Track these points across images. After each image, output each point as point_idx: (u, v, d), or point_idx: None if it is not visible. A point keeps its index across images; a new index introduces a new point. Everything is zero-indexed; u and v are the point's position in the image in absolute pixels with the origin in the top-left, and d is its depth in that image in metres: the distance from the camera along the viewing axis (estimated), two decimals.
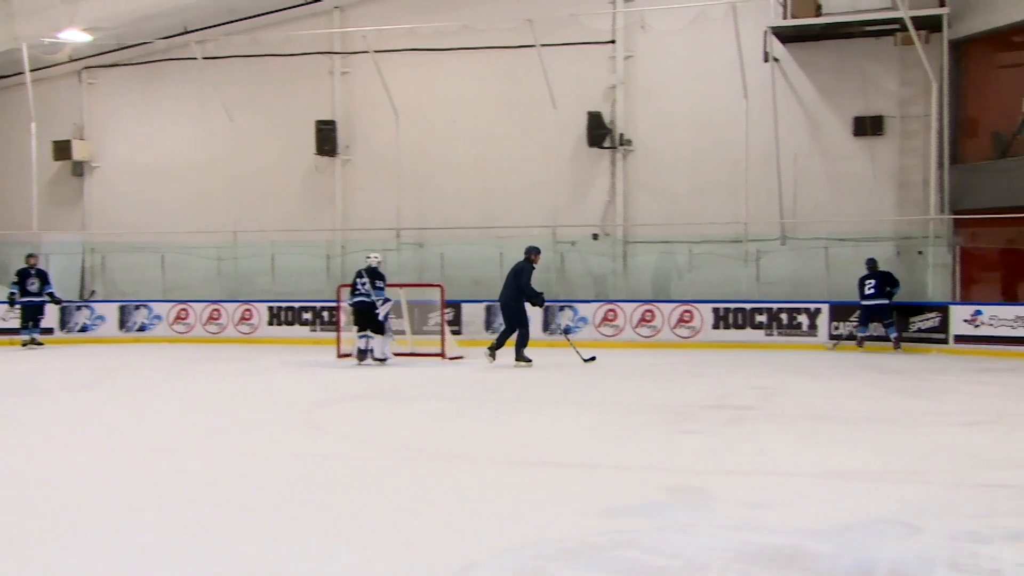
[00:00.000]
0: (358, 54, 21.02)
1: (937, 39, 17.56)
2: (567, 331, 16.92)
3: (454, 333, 16.91)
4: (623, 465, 7.19)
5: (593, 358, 14.59)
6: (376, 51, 20.33)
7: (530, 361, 14.17)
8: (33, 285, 18.79)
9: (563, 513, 5.67)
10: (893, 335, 16.30)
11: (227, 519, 5.56)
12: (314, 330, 19.44)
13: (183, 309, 20.25)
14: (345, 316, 15.77)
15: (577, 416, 9.66)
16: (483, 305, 18.58)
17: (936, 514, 5.60)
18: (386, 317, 15.00)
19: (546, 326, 18.28)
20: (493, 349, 14.42)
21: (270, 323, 19.75)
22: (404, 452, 7.76)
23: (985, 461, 7.21)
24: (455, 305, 18.26)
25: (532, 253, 14.74)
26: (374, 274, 14.83)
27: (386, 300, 14.89)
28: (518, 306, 14.39)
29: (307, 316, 19.57)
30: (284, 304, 19.85)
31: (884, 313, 16.34)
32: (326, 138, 21.08)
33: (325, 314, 19.24)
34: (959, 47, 17.91)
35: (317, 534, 5.23)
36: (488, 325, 18.52)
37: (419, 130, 20.75)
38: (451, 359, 15.16)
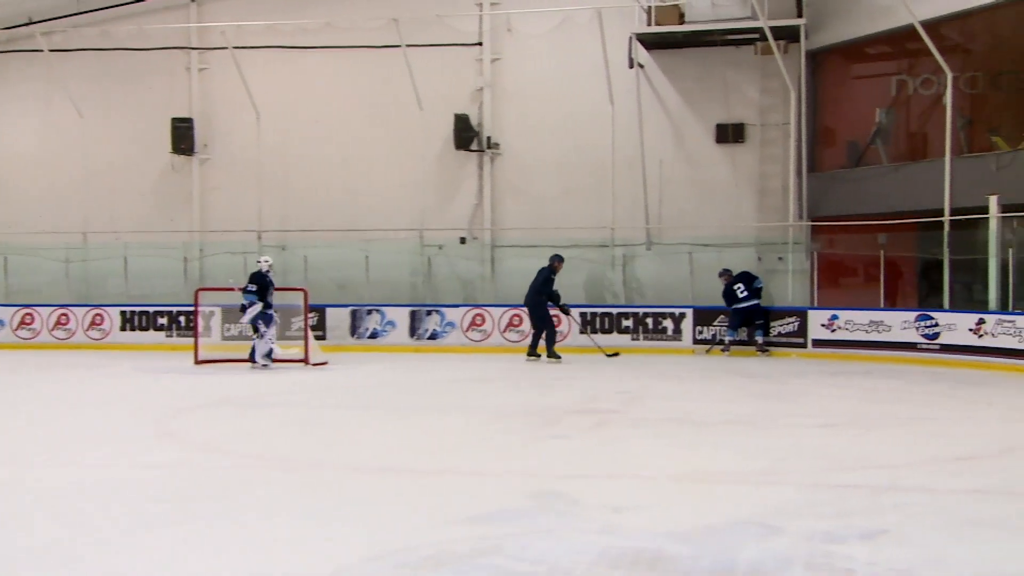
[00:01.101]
0: (216, 50, 20.48)
1: (795, 49, 18.17)
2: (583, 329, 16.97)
3: (318, 338, 16.63)
4: (487, 471, 7.19)
5: (616, 354, 16.03)
6: (235, 47, 19.84)
7: (559, 358, 15.51)
8: None
9: (426, 521, 5.62)
10: (762, 338, 16.74)
11: (71, 535, 5.31)
12: (170, 335, 18.85)
13: (28, 313, 19.36)
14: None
15: (442, 422, 9.63)
16: (348, 310, 18.34)
17: (793, 515, 5.78)
18: (254, 320, 14.78)
19: (353, 330, 18.18)
20: (531, 352, 15.75)
21: (123, 328, 19.05)
22: (263, 461, 7.58)
23: (840, 462, 7.49)
24: (319, 309, 17.98)
25: (555, 260, 16.16)
26: (251, 277, 14.91)
27: (252, 304, 14.67)
28: (541, 308, 15.80)
29: (162, 321, 18.96)
30: (138, 308, 19.18)
31: (759, 314, 16.73)
32: (183, 136, 20.48)
33: (182, 319, 18.68)
34: (816, 58, 18.60)
35: (169, 547, 5.05)
36: (353, 330, 18.28)
37: (281, 129, 20.35)
38: (315, 365, 14.92)
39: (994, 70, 16.69)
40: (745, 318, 16.77)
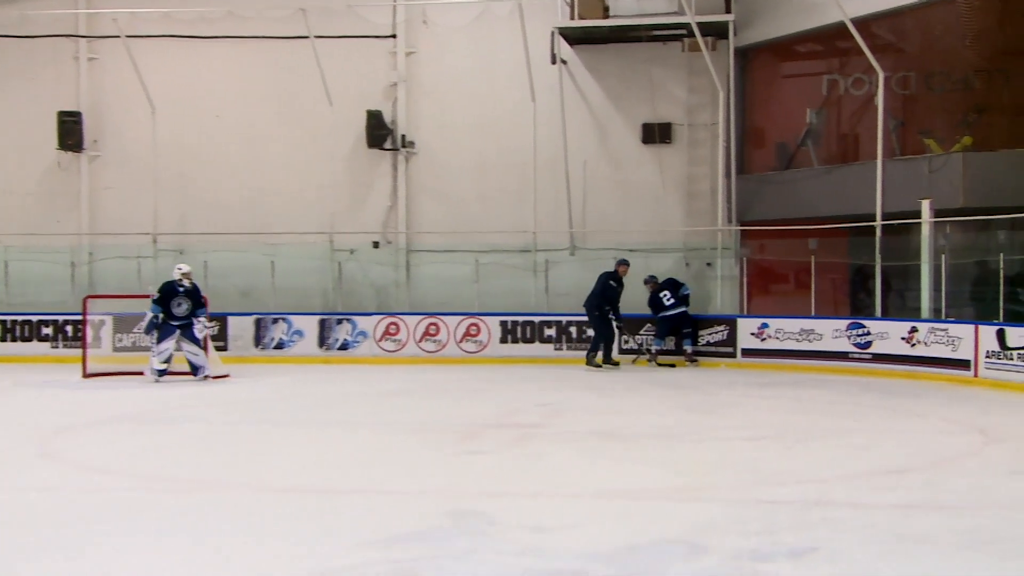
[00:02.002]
0: (107, 39, 20.09)
1: (724, 46, 18.50)
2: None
3: (219, 349, 16.40)
4: (402, 490, 7.19)
5: (672, 365, 16.69)
6: (128, 36, 19.50)
7: (617, 364, 16.47)
8: None
9: (337, 544, 5.61)
10: (690, 347, 17.00)
11: None
12: (56, 346, 18.42)
13: None
14: None
15: (354, 438, 9.61)
16: (252, 318, 18.14)
17: (720, 532, 5.90)
18: (149, 330, 14.60)
19: (258, 340, 18.05)
20: (589, 360, 16.41)
21: (3, 339, 18.55)
22: (159, 482, 7.47)
23: (768, 477, 7.65)
24: (220, 318, 17.74)
25: (620, 264, 16.94)
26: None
27: (155, 313, 14.53)
28: (600, 314, 16.49)
29: (47, 331, 18.52)
30: (20, 317, 18.70)
31: (687, 322, 16.98)
32: (70, 131, 20.02)
33: (69, 328, 18.27)
34: (745, 55, 18.96)
35: None
36: (258, 340, 18.08)
37: (179, 125, 20.03)
38: (215, 378, 14.72)
39: (926, 70, 17.20)
40: (672, 327, 16.99)
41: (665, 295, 16.93)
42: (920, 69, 17.25)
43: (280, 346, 18.06)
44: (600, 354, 16.47)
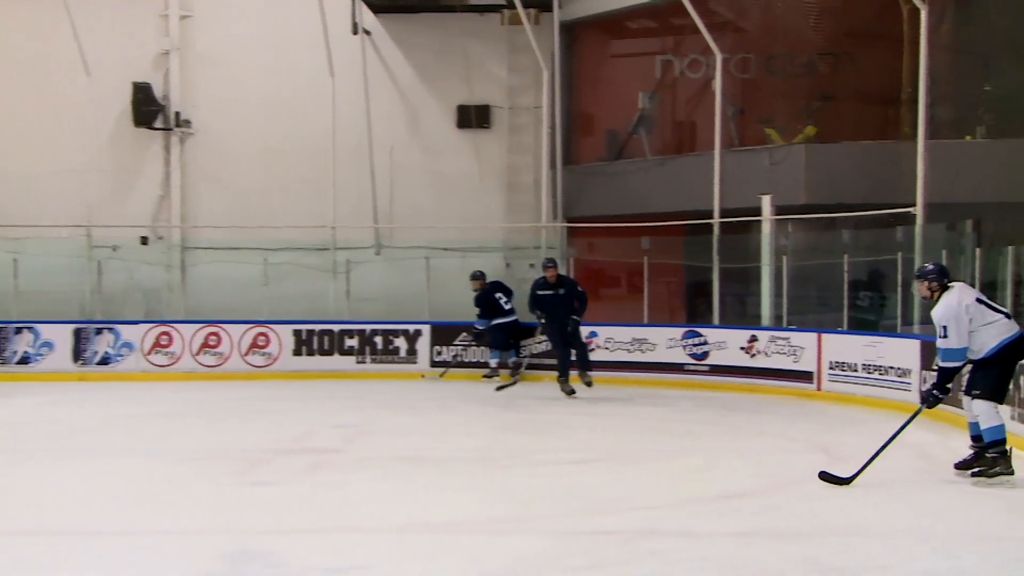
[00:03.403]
0: None
1: (548, 20, 18.79)
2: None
3: None
4: (172, 529, 7.03)
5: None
6: None
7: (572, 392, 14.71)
8: None
9: None
10: (516, 359, 16.88)
11: None
12: None
13: None
14: None
15: (115, 468, 9.32)
16: None
17: (542, 567, 6.00)
18: None
19: (77, 355, 17.43)
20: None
21: None
22: None
23: (595, 505, 7.81)
24: None
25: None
26: None
27: None
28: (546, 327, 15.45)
29: None
30: None
31: (520, 331, 17.00)
32: None
33: None
34: (572, 31, 19.29)
35: None
36: None
37: None
38: None
39: (767, 52, 17.90)
40: (510, 335, 16.94)
41: (501, 297, 16.87)
42: (761, 51, 17.93)
43: (25, 360, 17.33)
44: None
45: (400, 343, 17.57)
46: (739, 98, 17.80)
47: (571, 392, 14.52)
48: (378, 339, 17.60)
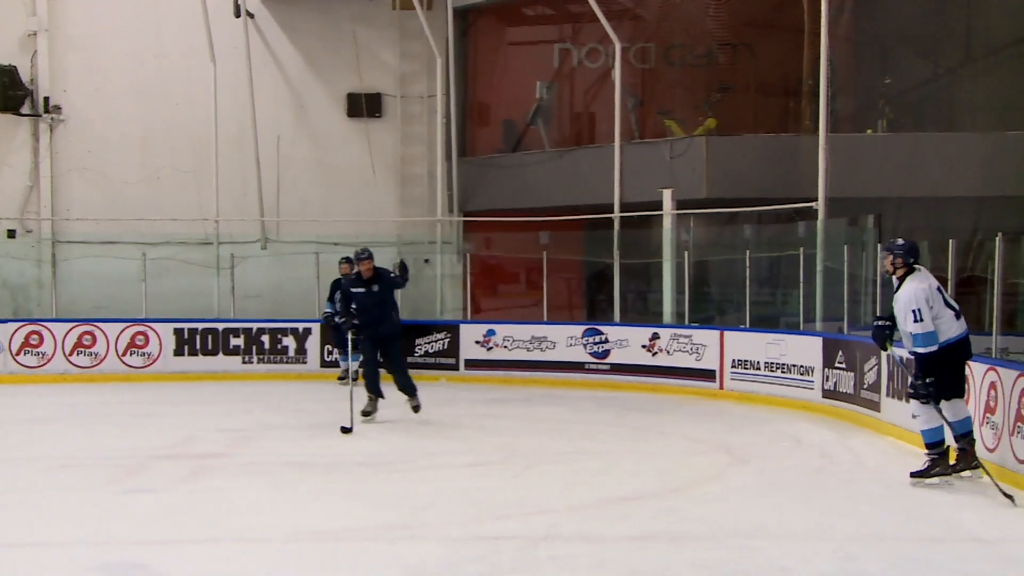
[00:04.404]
0: None
1: (441, 5, 18.78)
2: None
3: None
4: (42, 541, 6.89)
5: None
6: None
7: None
8: None
9: None
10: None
11: None
12: None
13: None
14: None
15: None
16: None
17: (436, 575, 5.99)
18: None
19: None
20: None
21: None
22: None
23: (491, 509, 7.86)
24: None
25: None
26: None
27: None
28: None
29: None
30: None
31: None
32: None
33: None
34: (466, 17, 19.30)
35: None
36: None
37: None
38: None
39: (666, 42, 18.10)
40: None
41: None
42: (660, 40, 18.13)
43: None
44: None
45: (289, 342, 17.43)
46: (638, 88, 18.01)
47: (370, 412, 12.41)
48: (265, 338, 17.44)
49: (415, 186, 19.46)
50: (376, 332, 12.44)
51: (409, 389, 12.60)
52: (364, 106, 19.17)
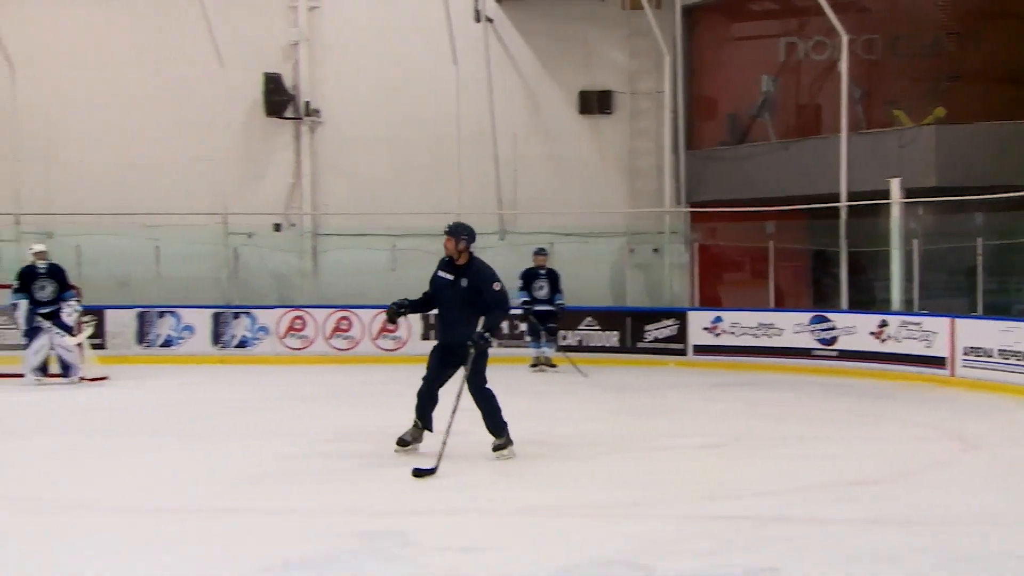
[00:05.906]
0: None
1: (668, 4, 18.62)
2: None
3: (96, 348, 16.10)
4: (305, 508, 7.11)
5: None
6: None
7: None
8: None
9: (229, 570, 5.53)
10: (552, 347, 16.36)
11: None
12: None
13: None
14: None
15: (246, 450, 9.44)
16: (134, 312, 17.82)
17: (666, 552, 5.93)
18: (29, 325, 14.34)
19: (141, 337, 17.82)
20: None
21: None
22: (7, 502, 7.32)
23: (721, 490, 7.70)
24: (97, 312, 17.39)
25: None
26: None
27: (17, 303, 14.32)
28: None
29: None
30: None
31: (551, 317, 16.26)
32: None
33: None
34: (692, 15, 19.05)
35: None
36: (141, 337, 17.76)
37: (44, 87, 19.47)
38: (91, 380, 14.45)
39: (892, 33, 17.47)
40: (541, 321, 16.23)
41: (539, 284, 16.33)
42: (886, 32, 17.52)
43: (168, 344, 17.81)
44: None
45: (522, 327, 17.55)
46: (864, 79, 17.42)
47: (408, 443, 9.09)
48: (504, 324, 17.59)
49: (643, 179, 19.36)
50: (446, 337, 9.16)
51: (496, 428, 8.99)
52: (595, 103, 19.21)
